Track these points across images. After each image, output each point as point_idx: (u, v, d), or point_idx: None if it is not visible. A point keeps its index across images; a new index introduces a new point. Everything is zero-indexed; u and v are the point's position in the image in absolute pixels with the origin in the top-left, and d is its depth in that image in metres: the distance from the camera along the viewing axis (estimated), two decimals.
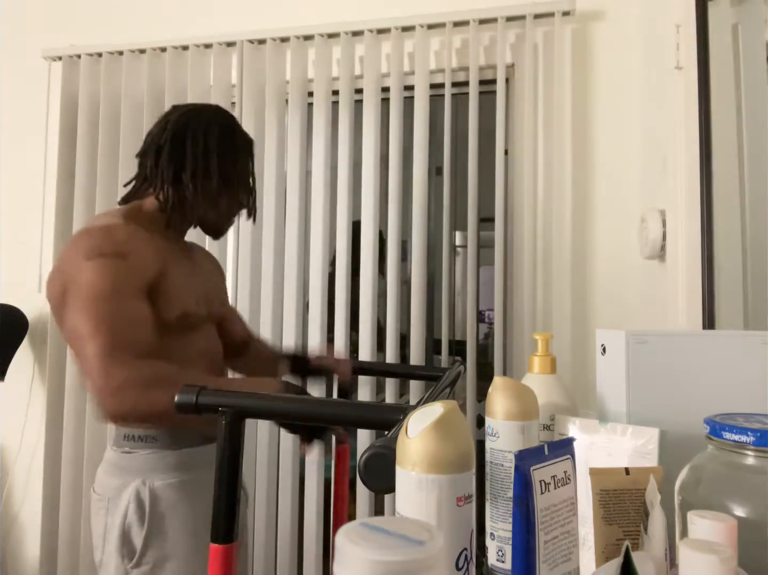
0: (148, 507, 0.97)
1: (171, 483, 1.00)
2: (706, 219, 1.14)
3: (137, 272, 0.95)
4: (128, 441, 1.02)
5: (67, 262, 0.94)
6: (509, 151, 1.66)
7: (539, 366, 0.80)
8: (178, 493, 1.00)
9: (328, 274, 1.70)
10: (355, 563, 0.27)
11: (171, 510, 0.98)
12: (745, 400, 0.68)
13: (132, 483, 0.98)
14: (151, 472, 1.00)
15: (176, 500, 0.99)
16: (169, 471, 1.01)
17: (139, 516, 0.97)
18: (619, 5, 1.59)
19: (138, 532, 0.96)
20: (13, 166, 1.99)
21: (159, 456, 1.01)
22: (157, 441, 1.02)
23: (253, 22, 1.78)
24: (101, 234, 0.96)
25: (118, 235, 0.97)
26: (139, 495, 0.98)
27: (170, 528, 0.98)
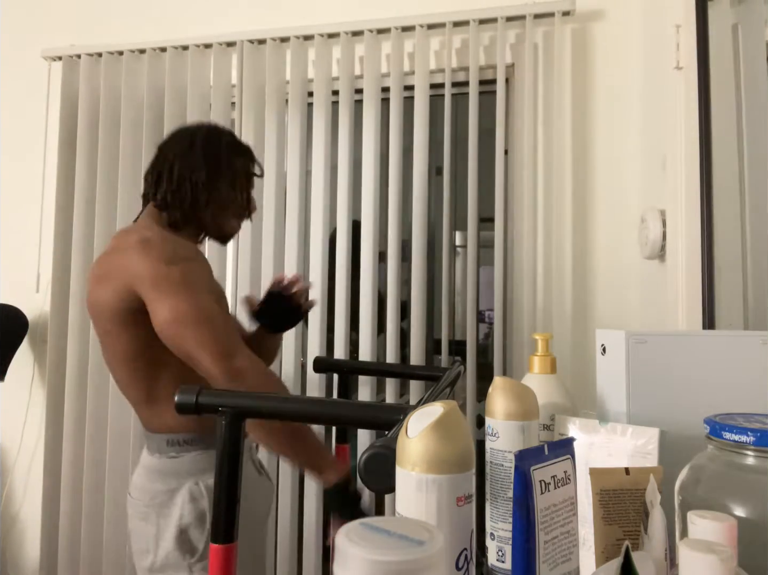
0: (207, 504, 1.01)
1: None
2: (706, 219, 1.14)
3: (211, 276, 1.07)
4: (173, 446, 1.05)
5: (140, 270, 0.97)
6: (509, 151, 1.66)
7: (539, 366, 0.80)
8: None
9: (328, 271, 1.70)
10: (355, 563, 0.27)
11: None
12: (745, 400, 0.68)
13: (184, 485, 1.03)
14: (203, 472, 1.04)
15: None
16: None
17: (197, 515, 1.01)
18: (619, 5, 1.59)
19: (198, 531, 1.01)
20: (12, 166, 1.99)
21: (207, 456, 1.05)
22: (203, 443, 1.06)
23: (253, 22, 1.78)
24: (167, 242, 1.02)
25: (181, 243, 1.05)
26: (193, 496, 1.02)
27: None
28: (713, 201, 1.14)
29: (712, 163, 1.15)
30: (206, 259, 1.09)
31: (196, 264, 1.03)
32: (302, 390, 1.73)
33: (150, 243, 1.01)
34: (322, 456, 1.00)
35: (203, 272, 1.04)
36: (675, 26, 1.21)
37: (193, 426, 1.06)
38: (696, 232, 1.15)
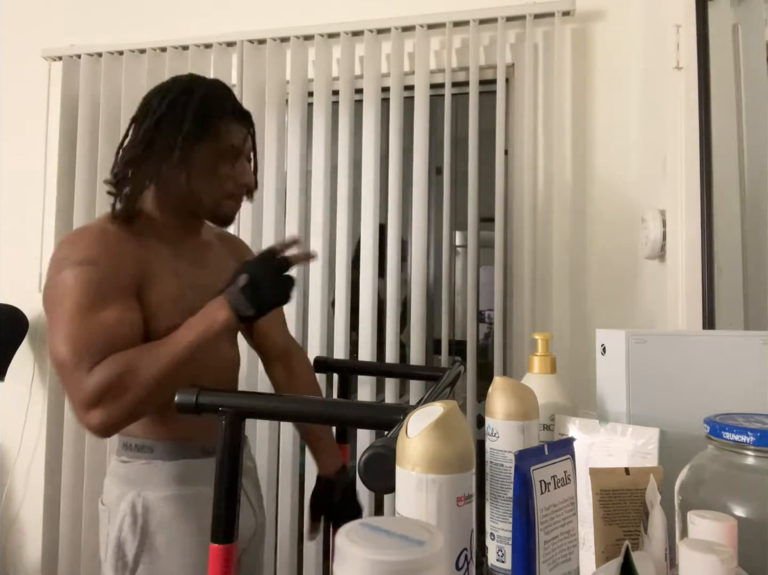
0: (140, 520, 0.93)
1: (165, 497, 0.94)
2: (706, 219, 1.14)
3: (112, 276, 0.87)
4: (126, 450, 0.98)
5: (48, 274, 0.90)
6: (509, 151, 1.66)
7: (539, 366, 0.80)
8: (172, 508, 0.94)
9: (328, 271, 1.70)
10: (355, 563, 0.27)
11: (164, 526, 0.93)
12: (745, 400, 0.68)
13: (129, 494, 0.94)
14: (146, 484, 0.94)
15: (170, 515, 0.94)
16: (164, 484, 0.95)
17: (133, 530, 0.92)
18: (619, 5, 1.59)
19: (131, 546, 0.92)
20: (13, 165, 1.99)
21: (154, 467, 0.96)
22: (152, 452, 0.96)
23: (253, 22, 1.78)
24: (70, 242, 0.90)
25: (87, 239, 0.89)
26: (134, 508, 0.93)
27: (162, 544, 0.93)
28: (713, 201, 1.14)
29: (712, 163, 1.15)
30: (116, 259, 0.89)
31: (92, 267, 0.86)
32: None
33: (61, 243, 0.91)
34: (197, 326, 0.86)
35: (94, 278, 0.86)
36: (675, 26, 1.21)
37: (148, 431, 0.97)
38: (696, 232, 1.15)
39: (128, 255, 0.90)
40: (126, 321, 0.87)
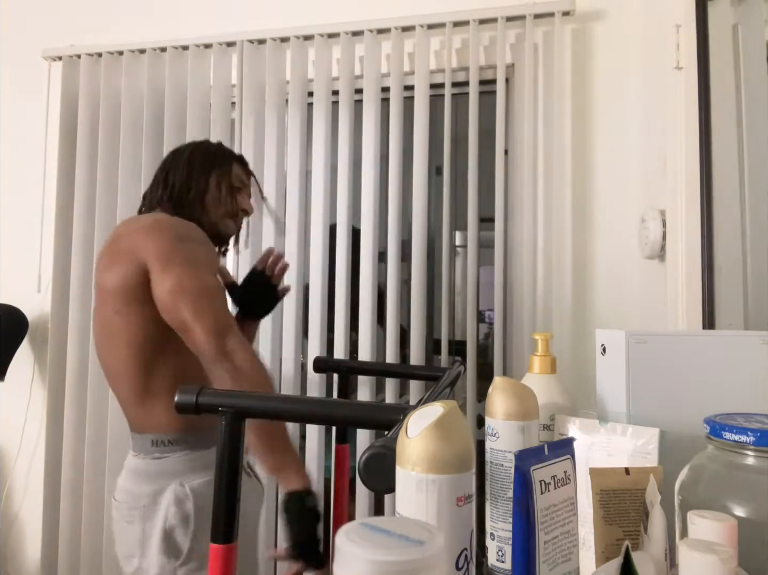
0: (192, 506, 1.00)
1: (210, 481, 0.99)
2: (706, 219, 1.14)
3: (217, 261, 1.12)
4: (157, 446, 1.04)
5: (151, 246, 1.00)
6: (509, 151, 1.66)
7: (539, 366, 0.80)
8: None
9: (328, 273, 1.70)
10: (355, 563, 0.27)
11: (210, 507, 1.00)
12: (745, 400, 0.68)
13: (169, 486, 1.01)
14: (188, 473, 1.03)
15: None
16: (205, 470, 1.03)
17: (182, 518, 1.00)
18: (619, 5, 1.59)
19: (183, 533, 1.00)
20: (13, 166, 1.99)
21: (193, 457, 1.05)
22: (188, 443, 1.05)
23: (253, 22, 1.78)
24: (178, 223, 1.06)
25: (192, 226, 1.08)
26: (178, 497, 1.01)
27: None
28: (713, 201, 1.14)
29: (712, 163, 1.15)
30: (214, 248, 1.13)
31: (205, 246, 1.07)
32: (302, 390, 1.73)
33: (161, 222, 1.05)
34: (293, 459, 0.99)
35: (210, 255, 1.08)
36: (675, 26, 1.21)
37: (178, 426, 1.05)
38: (696, 232, 1.15)
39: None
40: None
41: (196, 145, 1.24)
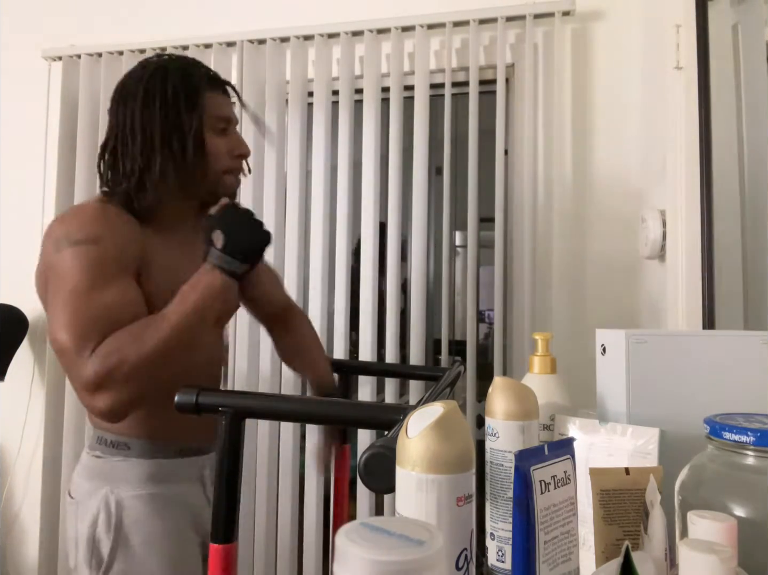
0: (114, 518, 0.91)
1: (140, 495, 0.93)
2: (706, 219, 1.14)
3: (114, 254, 0.85)
4: (100, 445, 0.96)
5: (44, 255, 0.87)
6: (509, 151, 1.66)
7: (539, 366, 0.80)
8: (146, 507, 0.93)
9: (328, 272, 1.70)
10: (355, 563, 0.27)
11: (138, 524, 0.92)
12: (745, 400, 0.68)
13: (101, 490, 0.93)
14: (120, 481, 0.93)
15: (145, 514, 0.92)
16: (139, 482, 0.94)
17: (107, 527, 0.91)
18: (619, 5, 1.59)
19: (106, 543, 0.91)
20: (12, 166, 1.98)
21: (129, 465, 0.94)
22: (129, 449, 0.95)
23: (253, 22, 1.78)
24: (70, 219, 0.87)
25: (88, 216, 0.87)
26: (108, 504, 0.92)
27: (136, 543, 0.91)
28: (713, 201, 1.14)
29: (712, 162, 1.15)
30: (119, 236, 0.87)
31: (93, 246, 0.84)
32: (302, 391, 1.73)
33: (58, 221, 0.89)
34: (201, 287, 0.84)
35: (93, 257, 0.84)
36: (675, 26, 1.21)
37: (125, 429, 0.94)
38: (696, 232, 1.15)
39: (130, 234, 0.88)
40: (128, 302, 0.84)
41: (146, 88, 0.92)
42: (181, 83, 0.93)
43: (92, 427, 0.99)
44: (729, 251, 1.14)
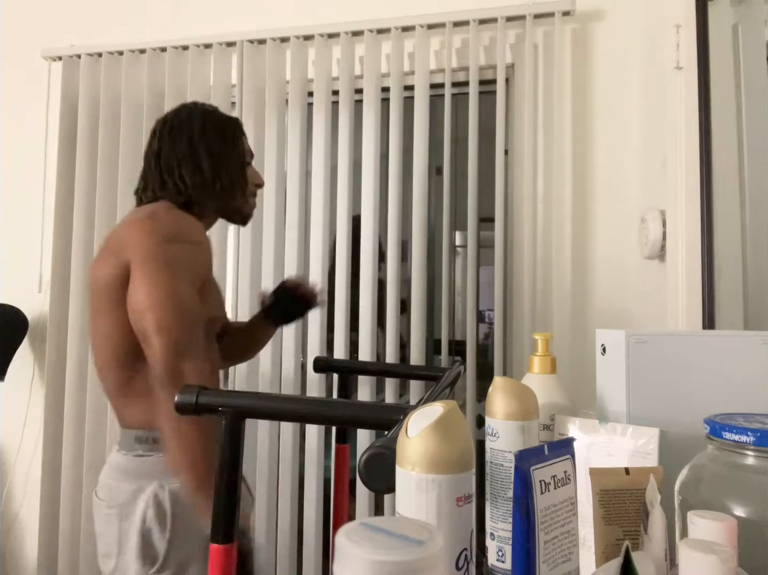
0: (169, 510, 0.95)
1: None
2: (706, 219, 1.14)
3: (206, 263, 1.03)
4: (141, 444, 0.99)
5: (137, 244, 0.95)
6: (509, 151, 1.66)
7: (539, 366, 0.80)
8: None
9: (328, 273, 1.70)
10: (355, 563, 0.27)
11: (192, 513, 0.94)
12: (745, 400, 0.68)
13: (148, 487, 0.96)
14: (169, 475, 0.96)
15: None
16: None
17: (160, 521, 0.95)
18: (619, 5, 1.59)
19: (159, 536, 0.94)
20: (13, 166, 1.99)
21: None
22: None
23: (253, 22, 1.78)
24: (175, 219, 1.01)
25: (190, 222, 1.02)
26: (157, 499, 0.95)
27: (192, 530, 0.95)
28: (713, 201, 1.14)
29: (712, 163, 1.15)
30: (209, 245, 1.06)
31: (195, 248, 1.01)
32: (302, 390, 1.73)
33: (154, 217, 0.99)
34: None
35: (200, 258, 1.02)
36: (675, 26, 1.21)
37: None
38: (696, 232, 1.15)
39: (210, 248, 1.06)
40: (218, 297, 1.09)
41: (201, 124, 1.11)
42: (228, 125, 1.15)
43: (125, 429, 1.02)
44: (729, 251, 1.14)
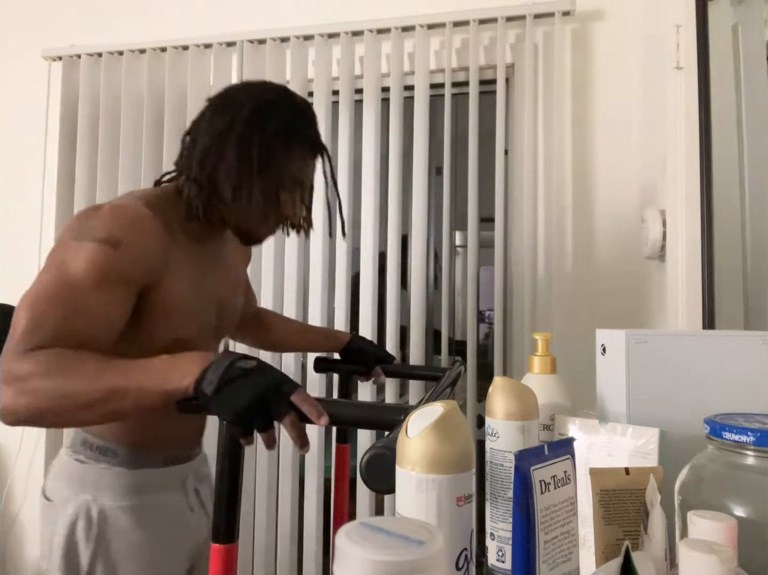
0: (96, 528, 0.88)
1: (124, 507, 0.90)
2: (706, 219, 1.14)
3: (126, 266, 0.80)
4: (85, 448, 0.92)
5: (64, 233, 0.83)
6: (509, 151, 1.66)
7: (539, 366, 0.80)
8: (131, 518, 0.90)
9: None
10: (355, 563, 0.27)
11: (121, 536, 0.89)
12: (745, 400, 0.68)
13: (82, 496, 0.89)
14: (104, 490, 0.89)
15: (129, 526, 0.90)
16: (123, 493, 0.90)
17: (87, 536, 0.88)
18: (619, 5, 1.59)
19: (84, 551, 0.88)
20: (13, 166, 1.99)
21: (114, 474, 0.90)
22: (117, 457, 0.91)
23: (253, 22, 1.78)
24: (103, 215, 0.82)
25: (120, 219, 0.82)
26: (89, 513, 0.88)
27: (118, 554, 0.89)
28: (713, 201, 1.14)
29: (712, 163, 1.15)
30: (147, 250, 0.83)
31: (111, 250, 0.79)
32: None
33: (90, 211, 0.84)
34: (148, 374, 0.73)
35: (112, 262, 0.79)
36: (675, 26, 1.21)
37: (113, 435, 0.91)
38: (696, 232, 1.15)
39: (153, 248, 0.83)
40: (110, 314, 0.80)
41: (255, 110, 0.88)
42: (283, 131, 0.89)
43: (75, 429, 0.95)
44: (729, 251, 1.14)
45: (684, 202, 1.17)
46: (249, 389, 0.70)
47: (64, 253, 0.80)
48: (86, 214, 0.84)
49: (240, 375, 0.71)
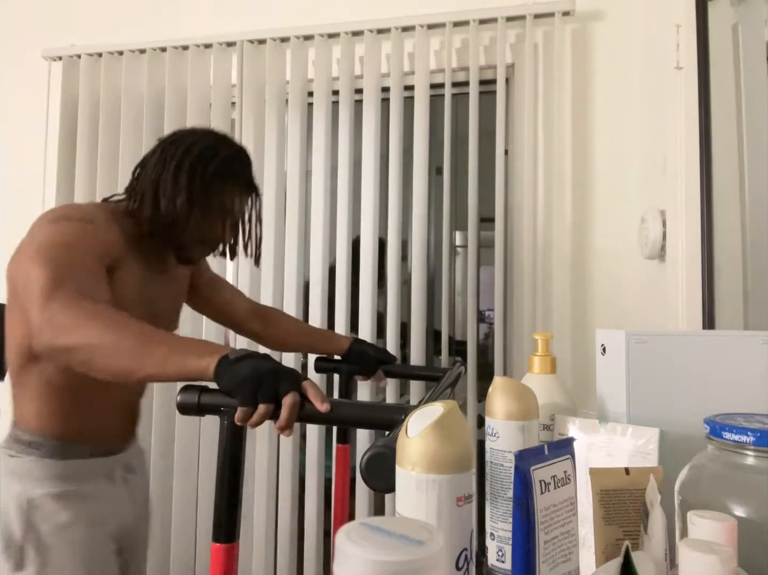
0: (26, 514, 0.94)
1: (51, 494, 0.96)
2: (706, 219, 1.14)
3: (100, 240, 0.93)
4: (16, 443, 0.98)
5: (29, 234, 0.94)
6: (509, 151, 1.66)
7: (539, 366, 0.80)
8: (58, 503, 0.96)
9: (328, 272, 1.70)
10: (355, 563, 0.27)
11: (50, 518, 0.95)
12: (745, 400, 0.68)
13: (14, 488, 0.95)
14: (33, 480, 0.96)
15: (56, 508, 0.96)
16: (51, 482, 0.96)
17: (19, 520, 0.94)
18: (619, 5, 1.59)
19: (18, 535, 0.94)
20: (13, 165, 1.98)
21: (40, 465, 0.97)
22: (42, 449, 0.97)
23: (253, 22, 1.78)
24: (72, 206, 0.99)
25: (87, 208, 0.99)
26: (20, 503, 0.95)
27: (49, 536, 0.95)
28: (713, 201, 1.14)
29: (712, 163, 1.15)
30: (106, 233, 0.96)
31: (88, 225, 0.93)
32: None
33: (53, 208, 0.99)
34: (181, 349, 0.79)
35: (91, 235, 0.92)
36: (675, 26, 1.21)
37: (40, 428, 0.97)
38: (696, 232, 1.15)
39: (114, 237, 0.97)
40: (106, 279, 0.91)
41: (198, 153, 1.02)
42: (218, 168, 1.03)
43: (10, 426, 1.01)
44: (729, 251, 1.14)
45: (684, 202, 1.17)
46: (266, 362, 0.78)
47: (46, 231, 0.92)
48: (53, 210, 0.98)
49: (260, 357, 0.79)
